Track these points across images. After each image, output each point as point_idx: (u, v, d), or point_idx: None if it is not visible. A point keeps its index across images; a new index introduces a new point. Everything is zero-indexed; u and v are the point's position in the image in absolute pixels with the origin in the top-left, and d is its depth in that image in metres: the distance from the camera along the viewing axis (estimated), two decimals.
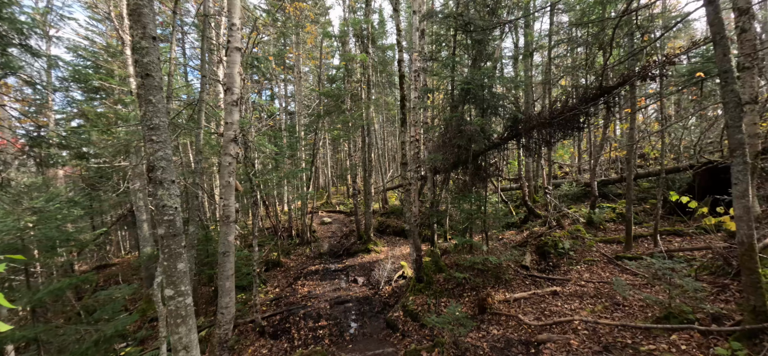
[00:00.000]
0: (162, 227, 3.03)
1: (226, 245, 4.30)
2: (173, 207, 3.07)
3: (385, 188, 20.33)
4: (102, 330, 3.84)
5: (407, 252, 12.70)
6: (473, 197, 7.31)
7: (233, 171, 4.38)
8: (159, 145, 3.02)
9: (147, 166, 3.02)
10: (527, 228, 10.99)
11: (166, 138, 3.06)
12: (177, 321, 3.09)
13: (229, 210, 4.35)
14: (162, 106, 3.04)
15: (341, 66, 13.25)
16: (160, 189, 3.01)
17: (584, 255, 8.04)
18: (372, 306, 8.95)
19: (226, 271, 4.27)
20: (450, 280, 7.41)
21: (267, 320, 8.89)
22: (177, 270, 3.09)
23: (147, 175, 3.06)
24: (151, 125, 2.99)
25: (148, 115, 2.98)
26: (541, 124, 6.19)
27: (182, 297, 3.11)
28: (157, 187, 3.02)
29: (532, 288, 6.86)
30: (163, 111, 3.06)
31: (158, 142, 3.02)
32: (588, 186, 14.04)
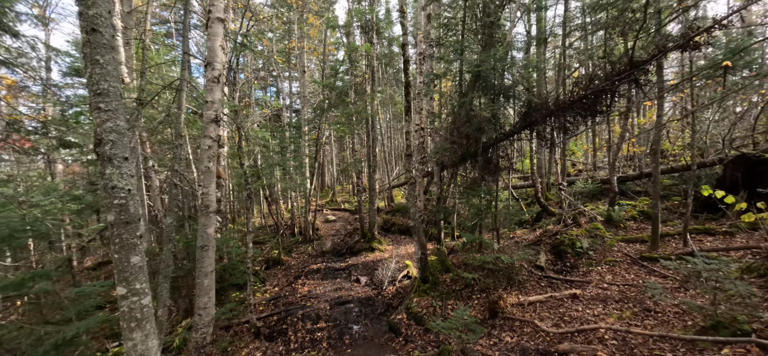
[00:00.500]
0: (111, 212, 2.53)
1: (204, 238, 3.82)
2: (125, 188, 2.57)
3: (390, 185, 19.79)
4: (63, 331, 3.40)
5: (412, 251, 12.13)
6: (483, 192, 6.72)
7: (213, 156, 3.89)
8: (108, 115, 2.52)
9: (94, 140, 2.52)
10: (540, 227, 10.33)
11: (117, 106, 2.56)
12: (131, 325, 2.59)
13: (209, 200, 3.87)
14: (113, 69, 2.54)
15: (345, 57, 12.75)
16: (109, 167, 2.51)
17: (605, 255, 7.38)
18: (374, 308, 8.42)
19: (204, 268, 3.79)
20: (457, 281, 6.83)
21: (263, 321, 8.43)
22: (130, 265, 2.59)
23: (94, 151, 2.56)
24: (99, 90, 2.49)
25: (94, 78, 2.48)
26: (560, 108, 5.57)
27: (137, 296, 2.61)
28: (105, 164, 2.52)
29: (548, 291, 6.24)
30: (114, 75, 2.55)
31: (107, 110, 2.52)
32: (604, 182, 13.28)
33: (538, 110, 6.13)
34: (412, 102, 7.06)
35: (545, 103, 6.04)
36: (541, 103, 6.05)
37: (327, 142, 26.20)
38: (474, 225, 7.65)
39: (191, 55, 4.43)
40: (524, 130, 6.50)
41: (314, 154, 15.23)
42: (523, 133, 7.43)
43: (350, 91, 13.73)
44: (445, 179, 9.75)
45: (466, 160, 8.71)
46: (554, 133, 6.74)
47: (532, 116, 6.32)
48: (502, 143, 7.58)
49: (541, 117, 5.86)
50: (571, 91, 5.37)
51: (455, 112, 8.03)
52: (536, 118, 6.24)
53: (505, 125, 7.63)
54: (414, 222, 7.11)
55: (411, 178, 7.14)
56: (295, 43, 13.42)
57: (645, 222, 9.43)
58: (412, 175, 7.16)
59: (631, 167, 15.81)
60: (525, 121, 6.47)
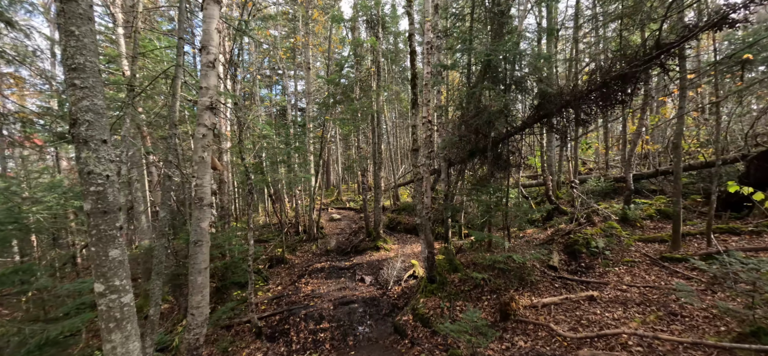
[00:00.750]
0: (88, 200, 2.29)
1: (198, 233, 3.58)
2: (103, 174, 2.32)
3: (396, 184, 19.49)
4: (47, 330, 3.19)
5: (418, 250, 11.83)
6: (493, 188, 6.40)
7: (208, 145, 3.65)
8: (84, 92, 2.28)
9: (69, 120, 2.28)
10: (552, 226, 9.95)
11: (95, 83, 2.31)
12: (109, 326, 2.35)
13: (203, 192, 3.62)
14: (90, 42, 2.29)
15: (350, 51, 12.49)
16: (85, 150, 2.27)
17: (622, 255, 7.00)
18: (379, 308, 8.15)
19: (198, 264, 3.54)
20: (466, 281, 6.52)
21: (265, 320, 8.21)
22: (109, 259, 2.34)
23: (69, 132, 2.32)
24: (74, 64, 2.25)
25: (69, 51, 2.24)
26: (577, 98, 5.23)
27: (116, 294, 2.37)
28: (81, 147, 2.27)
29: (562, 292, 5.90)
30: (92, 49, 2.31)
31: (83, 87, 2.27)
32: (618, 181, 12.84)
33: (552, 101, 5.79)
34: (418, 94, 6.77)
35: (561, 93, 5.70)
36: (557, 93, 5.72)
37: (332, 140, 26.02)
38: (483, 223, 7.33)
39: (186, 41, 4.21)
40: (537, 123, 6.17)
41: (319, 151, 15.00)
42: (535, 127, 7.11)
43: (355, 87, 13.48)
44: (453, 176, 9.44)
45: (474, 155, 8.39)
46: (569, 125, 6.40)
47: (546, 108, 5.99)
48: (513, 137, 7.25)
49: (556, 108, 5.53)
50: (591, 78, 5.02)
51: (464, 105, 7.73)
52: (550, 110, 5.91)
53: (516, 119, 7.31)
54: (420, 219, 6.82)
55: (417, 175, 6.85)
56: (299, 39, 13.21)
57: (663, 221, 9.02)
58: (419, 171, 6.87)
59: (645, 165, 15.33)
60: (538, 113, 6.13)
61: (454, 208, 7.81)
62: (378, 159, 12.74)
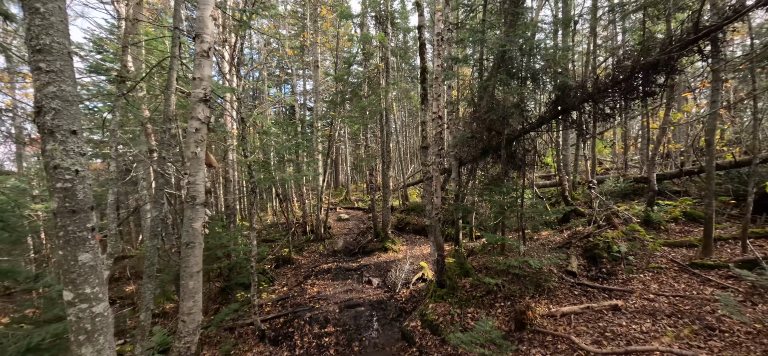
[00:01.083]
0: (54, 198, 2.04)
1: (190, 234, 3.33)
2: (71, 169, 2.07)
3: (405, 184, 19.14)
4: (31, 335, 2.99)
5: (428, 252, 11.48)
6: (507, 187, 6.02)
7: (202, 140, 3.41)
8: (50, 77, 2.03)
9: (34, 108, 2.04)
10: (568, 228, 9.47)
11: (63, 67, 2.06)
12: (79, 339, 2.10)
13: (196, 190, 3.38)
14: (58, 21, 2.04)
15: (358, 46, 12.21)
16: (51, 142, 2.02)
17: (647, 260, 6.53)
18: (386, 312, 7.84)
19: (189, 267, 3.30)
20: (478, 286, 6.16)
21: (269, 322, 8.00)
22: (78, 264, 2.08)
23: (33, 121, 2.07)
24: (39, 46, 2.00)
25: (33, 30, 1.99)
26: (600, 90, 4.81)
27: (87, 303, 2.12)
28: (46, 138, 2.03)
29: (583, 301, 5.48)
30: (61, 29, 2.06)
31: (49, 71, 2.02)
32: (638, 181, 12.22)
33: (572, 95, 5.38)
34: (428, 89, 6.43)
35: (582, 85, 5.29)
36: (578, 85, 5.30)
37: (340, 139, 25.84)
38: (496, 224, 6.95)
39: (182, 32, 3.98)
40: (556, 119, 5.76)
41: (327, 150, 14.78)
42: (552, 123, 6.68)
43: (364, 85, 13.20)
44: (464, 175, 9.06)
45: (487, 153, 8.01)
46: (590, 120, 5.97)
47: (565, 102, 5.58)
48: (528, 135, 6.85)
49: (577, 102, 5.12)
50: (617, 67, 4.60)
51: (475, 101, 7.35)
52: (570, 104, 5.50)
53: (532, 115, 6.90)
54: (430, 220, 6.48)
55: (427, 173, 6.51)
56: (307, 35, 13.00)
57: (689, 224, 8.45)
58: (428, 170, 6.53)
59: (666, 165, 14.61)
60: (556, 107, 5.73)
61: (466, 209, 7.44)
62: (386, 157, 12.43)
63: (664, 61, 3.91)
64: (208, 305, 9.40)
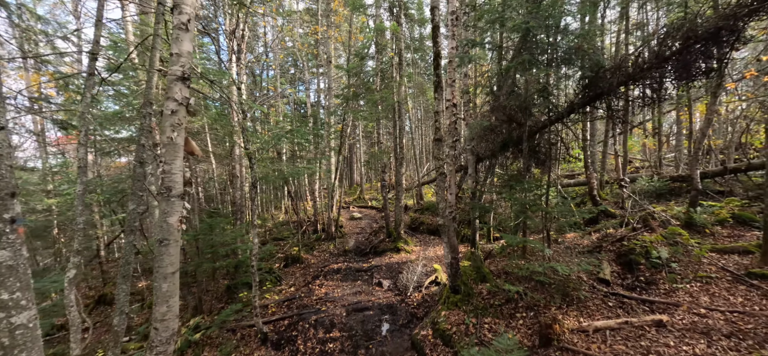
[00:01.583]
0: None
1: (164, 230, 2.92)
2: None
3: (420, 182, 18.53)
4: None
5: (442, 253, 10.87)
6: (529, 184, 5.37)
7: (180, 124, 2.99)
8: None
9: None
10: (597, 230, 8.64)
11: None
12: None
13: (172, 180, 2.97)
14: None
15: (370, 38, 11.72)
16: None
17: (693, 268, 5.71)
18: (396, 317, 7.32)
19: (163, 268, 2.89)
20: (497, 293, 5.53)
21: (273, 324, 7.63)
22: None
23: None
24: None
25: None
26: (643, 69, 4.11)
27: (4, 311, 1.69)
28: None
29: (619, 314, 4.77)
30: None
31: None
32: (675, 180, 11.17)
33: (608, 77, 4.68)
34: (442, 75, 5.84)
35: (619, 65, 4.58)
36: (614, 66, 4.60)
37: (353, 137, 25.45)
38: (516, 225, 6.29)
39: (165, 5, 3.59)
40: (587, 106, 5.06)
41: (338, 147, 14.38)
42: (581, 112, 5.95)
43: (377, 78, 12.72)
44: (481, 172, 8.41)
45: (507, 147, 7.34)
46: (626, 108, 5.23)
47: (599, 86, 4.87)
48: (554, 125, 6.15)
49: (616, 82, 4.42)
50: (664, 41, 3.88)
51: (494, 89, 6.71)
52: (604, 88, 4.79)
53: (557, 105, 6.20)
54: (443, 220, 5.90)
55: (440, 168, 5.93)
56: (318, 28, 12.62)
57: (739, 227, 7.47)
58: (442, 165, 5.94)
59: (706, 162, 13.37)
60: (588, 92, 5.02)
61: (483, 208, 6.80)
62: (399, 154, 11.89)
63: (728, 27, 3.20)
64: (213, 304, 9.16)
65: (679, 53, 3.74)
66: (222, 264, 7.44)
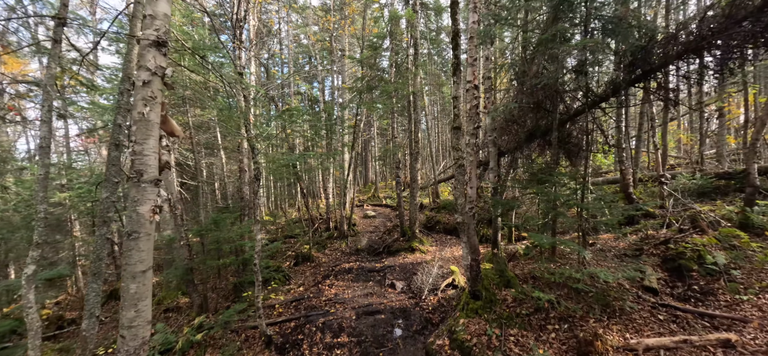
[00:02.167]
0: None
1: (133, 221, 2.48)
2: None
3: (436, 180, 17.84)
4: None
5: (459, 254, 10.20)
6: (561, 177, 4.68)
7: (153, 98, 2.55)
8: None
9: None
10: (635, 231, 7.78)
11: None
12: None
13: (144, 163, 2.53)
14: None
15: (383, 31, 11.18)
16: None
17: (757, 277, 4.86)
18: (409, 322, 6.75)
19: (132, 266, 2.45)
20: (523, 301, 4.87)
21: (278, 326, 7.21)
22: None
23: None
24: None
25: None
26: (707, 36, 3.37)
27: None
28: None
29: (673, 329, 4.03)
30: None
31: None
32: (720, 177, 10.09)
33: (660, 49, 3.94)
34: (460, 57, 5.22)
35: (674, 36, 3.84)
36: (667, 37, 3.87)
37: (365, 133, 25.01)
38: (544, 224, 5.59)
39: None
40: (634, 85, 4.33)
41: (352, 142, 13.92)
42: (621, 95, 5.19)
43: (391, 70, 12.17)
44: (503, 166, 7.71)
45: (533, 138, 6.64)
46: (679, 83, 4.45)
47: (647, 61, 4.14)
48: (592, 110, 5.42)
49: (670, 57, 3.69)
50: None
51: (518, 71, 6.02)
52: (657, 63, 4.05)
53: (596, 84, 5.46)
54: (462, 217, 5.28)
55: (458, 160, 5.31)
56: (330, 18, 12.19)
57: None
58: (460, 156, 5.33)
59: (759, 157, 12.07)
60: (637, 68, 4.29)
61: (507, 204, 6.12)
62: (414, 149, 11.29)
63: None
64: (220, 303, 8.86)
65: (760, 10, 3.00)
66: (226, 262, 7.09)
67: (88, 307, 2.87)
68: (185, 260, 7.63)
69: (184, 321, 8.36)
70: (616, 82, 4.50)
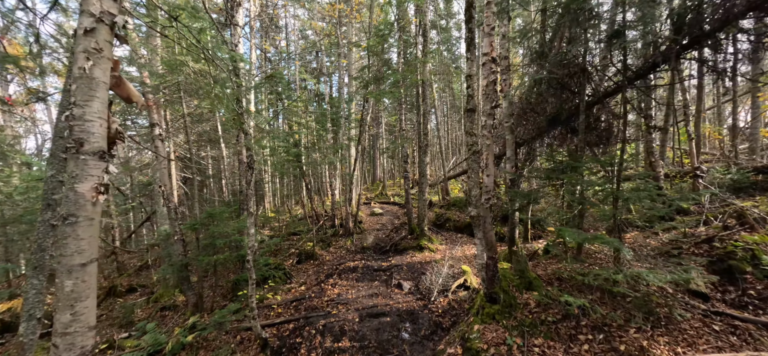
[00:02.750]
0: None
1: (70, 202, 1.99)
2: None
3: (446, 176, 17.19)
4: None
5: (471, 253, 9.57)
6: (594, 162, 4.02)
7: (99, 51, 2.07)
8: None
9: None
10: (668, 228, 7.03)
11: None
12: None
13: (86, 131, 2.03)
14: None
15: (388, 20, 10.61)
16: None
17: None
18: (417, 326, 6.17)
19: (67, 257, 1.96)
20: (549, 307, 4.23)
21: (276, 328, 6.71)
22: None
23: None
24: None
25: None
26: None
27: None
28: None
29: (734, 342, 3.36)
30: None
31: None
32: (760, 171, 9.20)
33: (715, 11, 3.28)
34: (474, 30, 4.62)
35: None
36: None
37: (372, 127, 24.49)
38: (572, 217, 4.94)
39: None
40: (687, 52, 3.66)
41: (358, 136, 13.38)
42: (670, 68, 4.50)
43: (399, 60, 11.60)
44: (521, 157, 7.05)
45: (556, 125, 5.98)
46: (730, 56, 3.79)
47: (698, 24, 3.46)
48: (630, 88, 4.74)
49: (732, 16, 3.02)
50: None
51: (539, 46, 5.37)
52: (707, 29, 3.39)
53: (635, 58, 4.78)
54: (477, 210, 4.67)
55: (474, 146, 4.71)
56: (336, 6, 11.67)
57: None
58: (475, 141, 4.72)
59: None
60: (682, 36, 3.62)
61: (528, 196, 5.46)
62: (423, 142, 10.69)
63: None
64: (217, 301, 8.42)
65: None
66: (220, 258, 6.61)
67: (26, 308, 2.39)
68: (179, 256, 7.19)
69: (180, 320, 7.95)
70: (663, 53, 3.82)
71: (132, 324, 8.34)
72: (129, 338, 7.75)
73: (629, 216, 7.94)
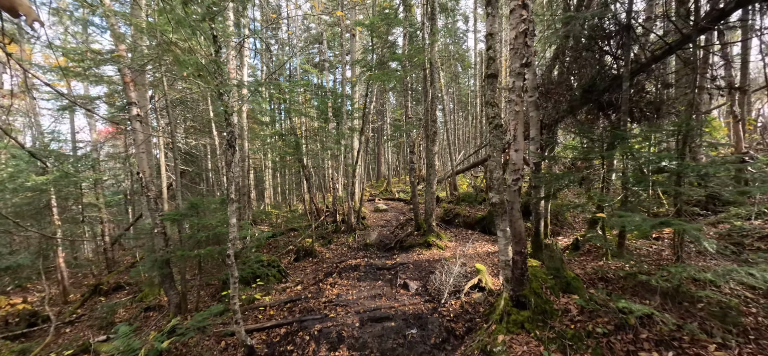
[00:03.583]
0: None
1: None
2: None
3: (454, 171, 16.33)
4: None
5: (484, 250, 8.71)
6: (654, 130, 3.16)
7: None
8: None
9: None
10: (715, 222, 6.11)
11: None
12: None
13: None
14: None
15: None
16: None
17: None
18: (426, 332, 5.34)
19: None
20: (595, 314, 3.38)
21: (266, 333, 5.93)
22: None
23: None
24: None
25: None
26: None
27: None
28: None
29: None
30: None
31: None
32: None
33: None
34: None
35: None
36: None
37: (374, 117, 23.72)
38: (624, 201, 4.06)
39: None
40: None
41: (361, 126, 12.59)
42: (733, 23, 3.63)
43: (405, 44, 10.78)
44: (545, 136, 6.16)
45: (590, 98, 5.14)
46: None
47: None
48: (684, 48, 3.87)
49: None
50: None
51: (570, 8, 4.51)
52: None
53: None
54: (499, 195, 3.83)
55: (494, 117, 3.87)
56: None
57: None
58: (496, 113, 3.88)
59: None
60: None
61: (563, 178, 4.56)
62: (431, 129, 9.85)
63: None
64: (203, 302, 7.68)
65: None
66: (202, 253, 5.84)
67: None
68: (161, 250, 6.45)
69: (164, 321, 7.23)
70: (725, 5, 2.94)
71: (113, 325, 7.66)
72: (107, 341, 7.05)
73: (661, 209, 7.01)
